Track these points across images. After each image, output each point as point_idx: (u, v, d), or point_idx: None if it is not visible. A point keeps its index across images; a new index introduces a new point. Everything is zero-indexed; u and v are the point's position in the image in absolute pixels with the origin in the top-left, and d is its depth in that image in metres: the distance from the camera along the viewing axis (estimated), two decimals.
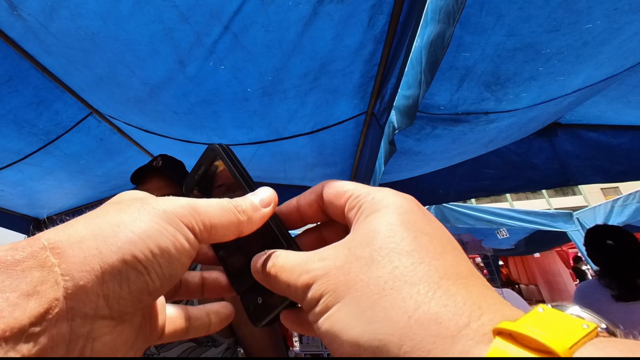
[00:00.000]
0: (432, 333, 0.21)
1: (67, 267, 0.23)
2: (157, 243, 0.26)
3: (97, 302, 0.24)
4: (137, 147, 2.11)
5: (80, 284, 0.23)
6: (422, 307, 0.22)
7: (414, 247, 0.25)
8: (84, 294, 0.23)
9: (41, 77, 1.50)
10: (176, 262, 0.27)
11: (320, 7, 1.00)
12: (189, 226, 0.29)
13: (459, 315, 0.22)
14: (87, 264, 0.23)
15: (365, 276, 0.25)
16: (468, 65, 1.33)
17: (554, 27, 1.17)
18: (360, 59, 1.26)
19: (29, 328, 0.20)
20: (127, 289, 0.25)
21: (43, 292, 0.21)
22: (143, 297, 0.26)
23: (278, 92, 1.36)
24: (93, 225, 0.26)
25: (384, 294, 0.23)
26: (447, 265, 0.24)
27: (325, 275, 0.26)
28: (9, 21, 1.15)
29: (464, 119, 1.66)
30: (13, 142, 1.83)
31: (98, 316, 0.24)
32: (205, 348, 1.10)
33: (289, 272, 0.29)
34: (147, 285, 0.26)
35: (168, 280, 0.27)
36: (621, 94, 1.89)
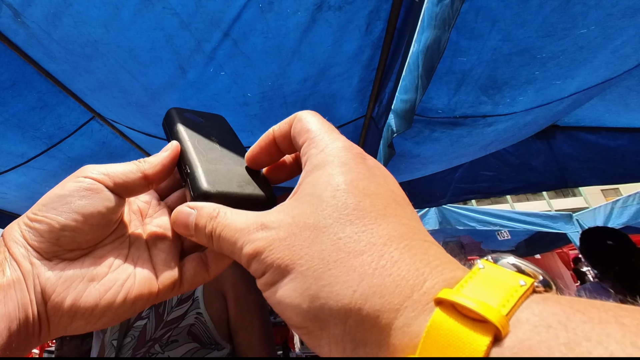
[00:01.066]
0: (376, 307, 0.22)
1: (5, 231, 0.33)
2: (63, 202, 0.32)
3: (26, 248, 0.32)
4: (139, 150, 2.13)
5: (11, 237, 0.32)
6: (366, 280, 0.22)
7: (356, 214, 0.25)
8: (14, 245, 0.32)
9: (44, 82, 1.52)
10: (82, 217, 0.32)
11: (319, 14, 1.02)
12: (97, 180, 0.34)
13: (402, 287, 0.22)
14: (13, 226, 0.33)
15: (310, 250, 0.25)
16: (465, 70, 1.34)
17: (549, 32, 1.18)
18: (358, 64, 1.28)
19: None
20: (39, 236, 0.32)
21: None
22: (62, 242, 0.32)
23: (278, 97, 1.37)
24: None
25: (328, 268, 0.24)
26: (389, 228, 0.24)
27: (268, 248, 0.26)
28: (13, 27, 1.17)
29: (462, 122, 1.68)
30: (17, 145, 1.84)
31: (32, 257, 0.32)
32: (208, 350, 1.11)
33: (231, 238, 0.29)
34: (53, 233, 0.32)
35: (80, 232, 0.33)
36: (618, 96, 1.90)
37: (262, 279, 0.27)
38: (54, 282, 0.31)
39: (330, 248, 0.24)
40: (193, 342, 1.10)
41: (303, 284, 0.24)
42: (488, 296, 0.20)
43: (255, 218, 0.28)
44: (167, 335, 1.10)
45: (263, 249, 0.26)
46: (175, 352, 1.08)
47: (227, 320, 1.17)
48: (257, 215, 0.29)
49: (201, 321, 1.13)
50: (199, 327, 1.13)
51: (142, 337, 1.13)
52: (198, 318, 1.13)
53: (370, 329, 0.22)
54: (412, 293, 0.21)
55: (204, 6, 0.95)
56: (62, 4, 0.99)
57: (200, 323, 1.13)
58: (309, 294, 0.24)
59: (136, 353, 1.11)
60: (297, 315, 0.24)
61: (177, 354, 1.08)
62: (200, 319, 1.14)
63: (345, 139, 0.31)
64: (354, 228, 0.24)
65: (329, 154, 0.29)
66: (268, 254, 0.26)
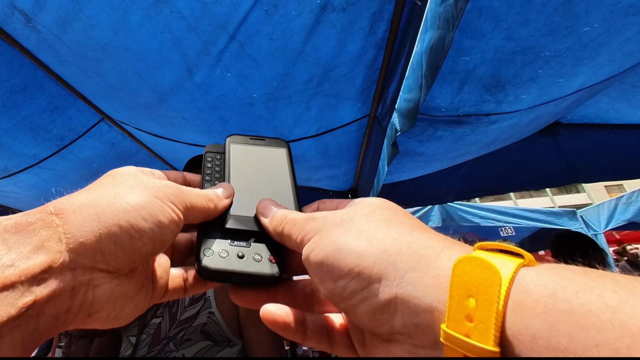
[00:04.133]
0: (422, 247, 0.26)
1: (69, 227, 0.28)
2: (148, 212, 0.31)
3: (95, 256, 0.28)
4: (148, 150, 2.14)
5: (80, 240, 0.28)
6: (400, 239, 0.27)
7: (390, 219, 0.30)
8: (83, 249, 0.28)
9: (55, 85, 1.53)
10: (165, 229, 0.32)
11: (323, 16, 1.02)
12: (174, 203, 0.34)
13: (434, 247, 0.26)
14: (86, 225, 0.28)
15: (350, 226, 0.30)
16: (468, 69, 1.34)
17: (552, 31, 1.17)
18: (362, 64, 1.28)
19: (39, 274, 0.25)
20: (121, 249, 0.30)
21: (49, 247, 0.26)
22: (135, 258, 0.31)
23: (283, 98, 1.38)
24: (93, 196, 0.31)
25: (364, 235, 0.29)
26: (414, 225, 0.30)
27: (317, 233, 0.31)
28: (25, 32, 1.18)
29: (466, 121, 1.67)
30: (29, 147, 1.87)
31: (96, 268, 0.29)
32: (221, 347, 1.13)
33: (293, 229, 0.34)
34: (139, 248, 0.31)
35: (158, 245, 0.32)
36: (622, 93, 1.88)
37: (309, 254, 0.31)
38: (106, 299, 0.30)
39: (366, 227, 0.30)
40: (206, 340, 1.12)
41: (341, 244, 0.29)
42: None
43: (307, 216, 0.34)
44: (180, 334, 1.12)
45: (312, 235, 0.32)
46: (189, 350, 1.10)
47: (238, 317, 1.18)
48: (308, 214, 0.35)
49: (213, 320, 1.15)
50: (211, 326, 1.14)
51: (157, 335, 1.15)
52: (210, 317, 1.15)
53: (418, 258, 0.26)
54: (444, 247, 0.26)
55: (210, 10, 0.96)
56: (72, 9, 1.00)
57: (212, 322, 1.14)
58: (346, 250, 0.28)
59: (151, 350, 1.12)
60: (333, 271, 0.28)
61: (191, 352, 1.10)
62: (212, 317, 1.15)
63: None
64: (386, 222, 0.30)
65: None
66: (316, 238, 0.31)
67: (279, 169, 0.45)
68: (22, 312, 0.24)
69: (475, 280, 0.22)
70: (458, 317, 0.22)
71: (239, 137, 0.47)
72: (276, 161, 0.46)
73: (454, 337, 0.22)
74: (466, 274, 0.23)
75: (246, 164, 0.44)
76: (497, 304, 0.21)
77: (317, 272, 0.30)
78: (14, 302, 0.23)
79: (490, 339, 0.21)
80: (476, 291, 0.22)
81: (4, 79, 1.45)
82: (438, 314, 0.23)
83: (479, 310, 0.22)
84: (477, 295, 0.22)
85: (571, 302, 0.19)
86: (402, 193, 2.92)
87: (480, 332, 0.21)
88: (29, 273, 0.24)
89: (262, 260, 0.36)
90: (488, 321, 0.21)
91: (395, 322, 0.25)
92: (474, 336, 0.21)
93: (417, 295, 0.24)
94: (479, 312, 0.22)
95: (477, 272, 0.22)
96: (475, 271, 0.23)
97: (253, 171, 0.43)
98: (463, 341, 0.21)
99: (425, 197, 3.07)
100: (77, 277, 0.27)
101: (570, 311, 0.19)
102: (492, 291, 0.22)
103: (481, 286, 0.22)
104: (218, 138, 1.73)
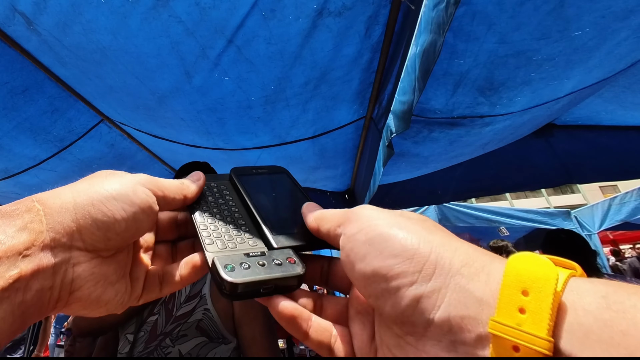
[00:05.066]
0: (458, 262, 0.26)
1: (49, 210, 0.30)
2: (119, 193, 0.34)
3: (72, 235, 0.31)
4: (147, 151, 2.15)
5: (58, 220, 0.30)
6: (456, 243, 0.28)
7: (440, 228, 0.31)
8: (61, 228, 0.30)
9: (55, 87, 1.54)
10: (137, 208, 0.34)
11: (320, 20, 1.03)
12: (146, 186, 0.36)
13: (489, 254, 0.27)
14: (63, 207, 0.31)
15: (404, 222, 0.30)
16: (462, 72, 1.35)
17: (544, 35, 1.19)
18: (358, 67, 1.29)
19: (23, 251, 0.27)
20: (96, 226, 0.31)
21: (31, 228, 0.29)
22: (110, 235, 0.33)
23: (280, 100, 1.39)
24: (72, 187, 0.34)
25: (422, 231, 0.29)
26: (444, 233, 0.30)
27: (368, 217, 0.32)
28: (26, 35, 1.19)
29: (460, 123, 1.68)
30: (29, 148, 1.87)
31: (74, 247, 0.31)
32: (215, 344, 1.13)
33: (326, 223, 0.35)
34: (112, 225, 0.32)
35: (132, 224, 0.34)
36: (614, 95, 1.89)
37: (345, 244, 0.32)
38: (86, 277, 0.32)
39: (396, 220, 0.31)
40: (201, 337, 1.12)
41: (372, 241, 0.30)
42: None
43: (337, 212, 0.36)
44: (177, 329, 1.13)
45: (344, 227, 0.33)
46: (184, 345, 1.10)
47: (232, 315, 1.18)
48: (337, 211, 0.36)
49: (209, 316, 1.15)
50: (206, 322, 1.15)
51: (154, 331, 1.15)
52: (206, 314, 1.15)
53: (474, 260, 0.26)
54: (498, 256, 0.27)
55: (208, 15, 0.97)
56: (72, 13, 1.01)
57: (208, 318, 1.15)
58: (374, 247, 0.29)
59: (148, 346, 1.13)
60: (368, 263, 0.29)
61: (187, 348, 1.10)
62: (207, 314, 1.16)
63: None
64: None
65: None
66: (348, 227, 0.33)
67: (290, 189, 0.48)
68: (10, 284, 0.26)
69: (530, 275, 0.23)
70: (510, 309, 0.22)
71: (241, 168, 0.49)
72: (284, 185, 0.48)
73: (505, 325, 0.22)
74: (521, 268, 0.23)
75: (260, 190, 0.46)
76: (553, 297, 0.21)
77: (361, 249, 0.29)
78: (2, 274, 0.26)
79: (544, 328, 0.21)
80: (531, 285, 0.22)
81: (4, 81, 1.46)
82: (488, 307, 0.23)
83: (533, 302, 0.22)
84: (531, 289, 0.22)
85: (623, 304, 0.20)
86: (398, 194, 2.93)
87: (534, 322, 0.21)
88: (14, 249, 0.27)
89: (283, 264, 0.36)
90: (542, 312, 0.21)
91: (438, 312, 0.25)
92: (526, 326, 0.21)
93: (469, 288, 0.24)
94: (533, 304, 0.22)
95: (533, 268, 0.23)
96: (531, 267, 0.23)
97: (269, 195, 0.46)
98: (515, 329, 0.21)
99: (421, 198, 3.09)
100: (58, 255, 0.30)
101: (623, 311, 0.19)
102: (547, 285, 0.22)
103: (536, 280, 0.22)
104: (217, 140, 1.74)
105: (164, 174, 2.39)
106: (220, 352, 1.14)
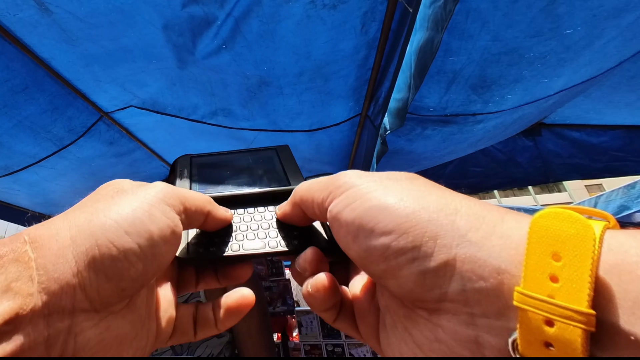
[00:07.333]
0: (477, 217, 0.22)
1: (43, 260, 0.21)
2: (131, 223, 0.24)
3: (74, 294, 0.22)
4: (145, 148, 2.12)
5: (54, 276, 0.21)
6: (457, 202, 0.24)
7: (435, 185, 0.28)
8: (58, 287, 0.21)
9: (55, 85, 1.50)
10: (157, 240, 0.25)
11: (313, 11, 1.01)
12: (166, 203, 0.27)
13: (497, 210, 0.23)
14: (60, 255, 0.22)
15: (390, 185, 0.26)
16: (455, 69, 1.34)
17: (536, 33, 1.17)
18: (354, 64, 1.27)
19: (1, 327, 0.19)
20: (104, 277, 0.23)
21: (17, 289, 0.20)
22: (124, 285, 0.24)
23: (274, 86, 1.36)
24: (69, 218, 0.24)
25: (412, 194, 0.25)
26: (462, 194, 0.27)
27: (350, 189, 0.28)
28: (32, 20, 1.14)
29: (453, 120, 1.67)
30: (29, 146, 1.83)
31: (78, 309, 0.22)
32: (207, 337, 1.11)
33: (316, 189, 0.30)
34: (126, 271, 0.23)
35: (151, 263, 0.25)
36: (602, 95, 1.89)
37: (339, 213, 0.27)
38: (92, 347, 0.23)
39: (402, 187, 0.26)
40: None
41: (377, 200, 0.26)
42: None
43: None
44: None
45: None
46: None
47: None
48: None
49: None
50: None
51: None
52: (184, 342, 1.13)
53: (481, 220, 0.22)
54: (507, 210, 0.23)
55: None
56: None
57: None
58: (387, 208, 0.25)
59: None
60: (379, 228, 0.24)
61: None
62: None
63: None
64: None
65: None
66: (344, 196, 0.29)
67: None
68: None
69: (561, 235, 0.19)
70: (539, 277, 0.18)
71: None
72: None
73: (535, 298, 0.18)
74: (549, 228, 0.19)
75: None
76: (593, 260, 0.17)
77: (351, 230, 0.25)
78: None
79: (583, 299, 0.17)
80: (562, 247, 0.18)
81: (5, 78, 1.42)
82: (509, 276, 0.19)
83: (567, 268, 0.18)
84: (563, 252, 0.18)
85: None
86: None
87: (570, 293, 0.17)
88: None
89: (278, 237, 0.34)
90: (580, 279, 0.17)
91: (450, 287, 0.21)
92: (560, 297, 0.18)
93: (481, 256, 0.20)
94: (567, 270, 0.18)
95: (563, 227, 0.19)
96: (560, 225, 0.19)
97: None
98: (547, 302, 0.18)
99: None
100: (53, 325, 0.21)
101: None
102: (584, 246, 0.18)
103: (569, 241, 0.18)
104: (219, 103, 1.65)
105: (162, 170, 2.36)
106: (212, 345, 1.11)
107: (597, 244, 0.18)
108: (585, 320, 0.17)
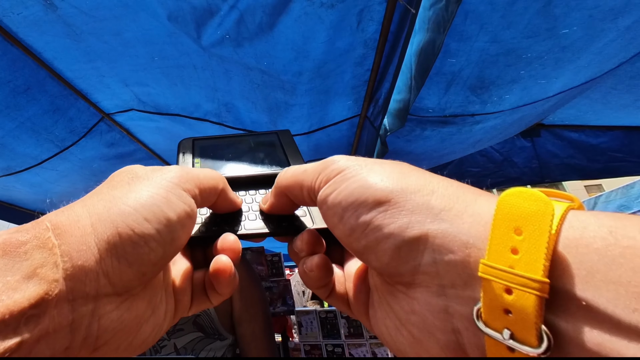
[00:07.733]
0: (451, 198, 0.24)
1: (67, 247, 0.22)
2: (150, 210, 0.25)
3: (98, 280, 0.23)
4: (146, 149, 2.12)
5: (78, 263, 0.22)
6: (434, 183, 0.26)
7: (415, 169, 0.29)
8: (82, 274, 0.22)
9: (57, 85, 1.51)
10: (175, 225, 0.26)
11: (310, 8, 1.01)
12: (181, 187, 0.28)
13: (472, 191, 0.25)
14: (83, 242, 0.22)
15: (375, 167, 0.27)
16: (454, 71, 1.34)
17: (533, 33, 1.18)
18: (350, 61, 1.27)
19: (28, 311, 0.19)
20: (126, 262, 0.24)
21: (42, 275, 0.21)
22: (145, 269, 0.25)
23: (274, 80, 1.36)
24: (88, 205, 0.25)
25: (394, 176, 0.26)
26: (442, 177, 0.28)
27: (339, 174, 0.29)
28: (36, 18, 1.14)
29: (452, 121, 1.67)
30: (31, 148, 1.84)
31: (101, 294, 0.23)
32: (211, 340, 1.11)
33: (305, 175, 0.31)
34: (147, 255, 0.24)
35: (170, 246, 0.26)
36: (601, 96, 1.89)
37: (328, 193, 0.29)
38: (115, 328, 0.24)
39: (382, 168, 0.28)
40: (198, 332, 1.10)
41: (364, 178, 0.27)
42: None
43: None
44: None
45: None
46: (180, 340, 1.08)
47: (231, 313, 1.17)
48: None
49: (206, 312, 1.13)
50: (203, 318, 1.13)
51: None
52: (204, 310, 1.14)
53: (455, 200, 0.24)
54: (482, 192, 0.24)
55: None
56: None
57: (205, 314, 1.13)
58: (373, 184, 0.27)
59: None
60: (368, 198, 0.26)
61: (182, 342, 1.08)
62: (205, 311, 1.13)
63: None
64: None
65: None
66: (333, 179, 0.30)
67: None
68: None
69: (523, 212, 0.20)
70: (501, 250, 0.20)
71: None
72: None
73: (497, 268, 0.19)
74: (513, 206, 0.20)
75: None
76: (549, 233, 0.19)
77: (337, 211, 0.26)
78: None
79: (539, 269, 0.18)
80: (524, 223, 0.20)
81: (7, 80, 1.42)
82: (476, 250, 0.21)
83: (526, 242, 0.19)
84: (524, 227, 0.19)
85: (635, 239, 0.17)
86: None
87: (527, 263, 0.19)
88: (15, 309, 0.19)
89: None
90: (537, 251, 0.19)
91: (422, 259, 0.23)
92: (519, 267, 0.19)
93: (452, 232, 0.22)
94: (526, 243, 0.19)
95: (526, 204, 0.20)
96: (524, 203, 0.20)
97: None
98: (507, 272, 0.19)
99: None
100: (77, 309, 0.22)
101: (635, 247, 0.17)
102: (543, 221, 0.19)
103: (530, 217, 0.20)
104: (221, 98, 1.64)
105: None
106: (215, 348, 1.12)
107: (557, 220, 0.19)
108: (539, 287, 0.18)
